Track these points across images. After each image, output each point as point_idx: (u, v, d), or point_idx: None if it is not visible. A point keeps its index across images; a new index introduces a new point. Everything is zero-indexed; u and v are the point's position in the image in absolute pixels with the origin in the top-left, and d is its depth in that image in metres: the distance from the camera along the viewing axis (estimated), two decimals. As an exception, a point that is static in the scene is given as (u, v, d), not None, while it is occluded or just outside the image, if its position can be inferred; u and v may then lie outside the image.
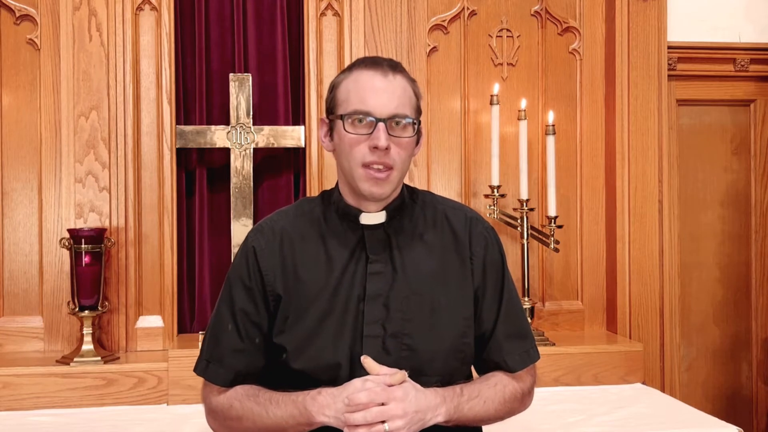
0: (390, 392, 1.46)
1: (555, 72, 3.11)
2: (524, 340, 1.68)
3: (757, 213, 3.33)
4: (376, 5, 2.94)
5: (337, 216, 1.62)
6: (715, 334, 3.32)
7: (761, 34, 3.27)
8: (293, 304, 1.57)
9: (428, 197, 1.70)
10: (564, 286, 3.10)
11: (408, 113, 1.55)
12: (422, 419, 1.48)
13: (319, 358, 1.54)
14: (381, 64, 1.56)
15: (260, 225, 1.67)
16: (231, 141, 2.88)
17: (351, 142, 1.53)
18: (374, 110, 1.52)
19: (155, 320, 2.83)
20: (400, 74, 1.58)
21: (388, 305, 1.56)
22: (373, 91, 1.53)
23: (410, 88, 1.59)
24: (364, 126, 1.52)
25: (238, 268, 1.63)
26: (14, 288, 2.81)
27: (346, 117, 1.53)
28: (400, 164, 1.55)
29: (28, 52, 2.83)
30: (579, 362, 2.79)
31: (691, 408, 2.55)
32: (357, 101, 1.53)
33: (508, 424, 1.78)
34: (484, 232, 1.67)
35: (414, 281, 1.58)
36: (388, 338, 1.55)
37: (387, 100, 1.53)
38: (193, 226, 2.97)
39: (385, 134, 1.51)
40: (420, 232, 1.63)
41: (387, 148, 1.51)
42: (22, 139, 2.83)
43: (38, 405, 2.52)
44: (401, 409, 1.45)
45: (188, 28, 2.96)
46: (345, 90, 1.56)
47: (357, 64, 1.59)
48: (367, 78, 1.54)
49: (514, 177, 2.98)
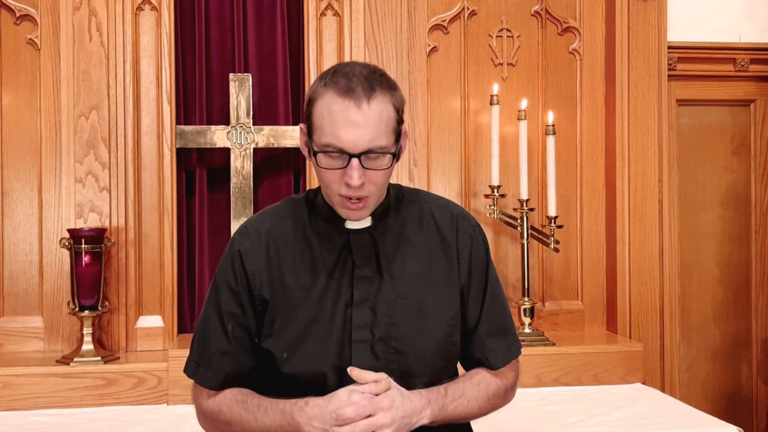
0: (376, 402, 1.47)
1: (555, 72, 3.11)
2: (506, 336, 1.68)
3: (757, 213, 3.33)
4: (376, 5, 2.94)
5: (322, 219, 1.61)
6: (715, 334, 3.32)
7: (761, 34, 3.27)
8: (280, 309, 1.57)
9: (414, 196, 1.69)
10: (564, 286, 3.10)
11: (384, 143, 1.48)
12: (409, 423, 1.51)
13: (307, 363, 1.54)
14: (355, 92, 1.45)
15: (245, 227, 1.65)
16: (231, 141, 2.88)
17: (326, 174, 1.50)
18: (347, 146, 1.46)
19: (155, 320, 2.83)
20: (376, 98, 1.47)
21: (375, 309, 1.56)
22: (347, 125, 1.45)
23: (387, 109, 1.49)
24: (338, 160, 1.48)
25: (224, 271, 1.62)
26: (14, 288, 2.81)
27: (319, 151, 1.49)
28: (376, 191, 1.52)
29: (28, 52, 2.83)
30: (579, 362, 2.79)
31: (691, 408, 2.55)
32: (330, 134, 1.47)
33: (509, 424, 1.78)
34: (470, 230, 1.66)
35: (400, 284, 1.58)
36: (376, 342, 1.55)
37: (360, 135, 1.45)
38: (193, 226, 2.97)
39: (358, 172, 1.46)
40: (406, 234, 1.63)
41: (361, 185, 1.48)
42: (22, 139, 2.83)
43: (38, 405, 2.52)
44: (389, 418, 1.47)
45: (188, 28, 2.96)
46: (319, 115, 1.49)
47: (331, 84, 1.48)
48: (340, 110, 1.46)
49: (514, 177, 2.98)
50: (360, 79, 1.47)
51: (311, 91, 1.52)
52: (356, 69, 1.49)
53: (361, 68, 1.50)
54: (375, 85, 1.48)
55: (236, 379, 1.61)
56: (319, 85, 1.51)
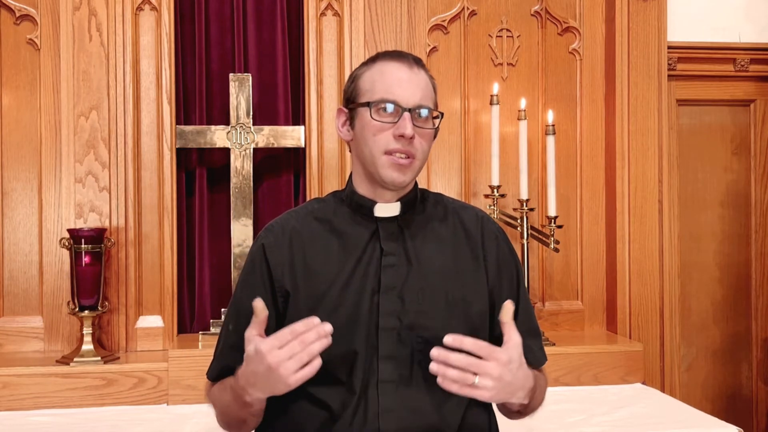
0: (495, 351, 1.43)
1: (555, 72, 3.11)
2: (538, 337, 1.72)
3: (757, 213, 3.33)
4: (376, 5, 2.94)
5: (349, 210, 1.64)
6: (715, 334, 3.32)
7: (761, 34, 3.27)
8: (305, 298, 1.58)
9: (438, 197, 1.74)
10: (564, 286, 3.10)
11: (431, 105, 1.60)
12: (510, 393, 1.46)
13: (333, 348, 1.52)
14: (406, 57, 1.60)
15: (270, 224, 1.69)
16: (231, 141, 2.88)
17: (376, 129, 1.56)
18: (400, 100, 1.55)
19: (155, 320, 2.83)
20: (423, 68, 1.62)
21: (403, 297, 1.57)
22: (400, 81, 1.56)
23: (431, 83, 1.63)
24: (390, 115, 1.55)
25: (247, 267, 1.65)
26: (14, 288, 2.81)
27: (373, 105, 1.56)
28: (421, 154, 1.59)
29: (28, 52, 2.83)
30: (579, 362, 2.79)
31: (691, 408, 2.55)
32: (383, 90, 1.56)
33: (508, 424, 1.78)
34: (495, 232, 1.69)
35: (428, 273, 1.59)
36: (404, 330, 1.55)
37: (412, 92, 1.57)
38: (193, 226, 2.97)
39: (410, 123, 1.55)
40: (432, 226, 1.65)
41: (412, 137, 1.55)
42: (22, 139, 2.83)
43: (38, 405, 2.52)
44: (497, 372, 1.42)
45: (188, 28, 2.96)
46: (369, 80, 1.59)
47: (381, 57, 1.62)
48: (393, 69, 1.58)
49: (514, 177, 2.98)
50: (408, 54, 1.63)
51: (354, 72, 1.65)
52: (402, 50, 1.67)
53: None
54: (421, 62, 1.63)
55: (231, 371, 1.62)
56: (364, 64, 1.64)
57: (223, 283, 2.93)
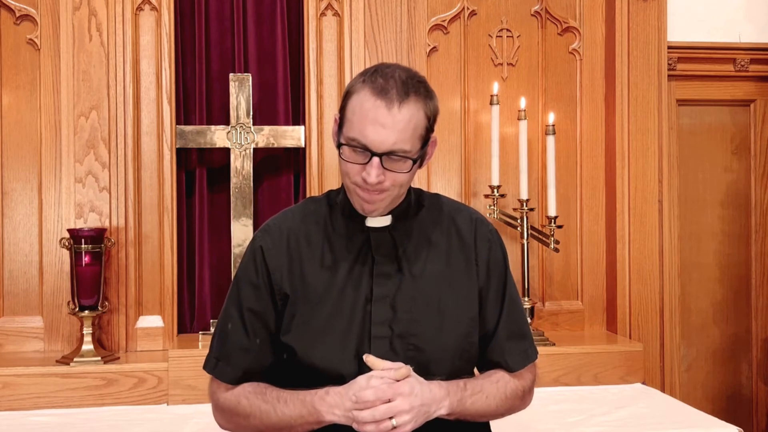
0: (396, 388, 1.48)
1: (555, 72, 3.11)
2: (524, 339, 1.70)
3: (757, 213, 3.33)
4: (376, 5, 2.94)
5: (342, 217, 1.63)
6: (715, 334, 3.32)
7: (761, 34, 3.27)
8: (300, 304, 1.59)
9: (434, 199, 1.72)
10: (564, 286, 3.10)
11: (407, 148, 1.51)
12: (427, 412, 1.51)
13: (326, 358, 1.56)
14: (388, 94, 1.49)
15: (267, 225, 1.68)
16: (231, 141, 2.88)
17: (347, 165, 1.54)
18: (371, 144, 1.49)
19: (155, 320, 2.83)
20: (408, 104, 1.50)
21: (395, 306, 1.58)
22: (374, 124, 1.48)
23: (418, 116, 1.52)
24: (361, 155, 1.51)
25: (246, 268, 1.64)
26: (14, 288, 2.81)
27: (345, 143, 1.53)
28: (396, 188, 1.55)
29: (28, 52, 2.83)
30: (579, 362, 2.79)
31: (691, 408, 2.55)
32: (357, 130, 1.50)
33: (509, 424, 1.78)
34: (488, 234, 1.69)
35: (420, 282, 1.60)
36: (396, 339, 1.57)
37: (385, 136, 1.49)
38: (193, 226, 2.97)
39: (377, 170, 1.50)
40: (426, 234, 1.65)
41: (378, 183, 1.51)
42: (22, 139, 2.83)
43: (38, 405, 2.52)
44: (408, 404, 1.48)
45: (188, 28, 2.96)
46: (351, 109, 1.53)
47: (368, 82, 1.51)
48: (370, 108, 1.49)
49: (514, 177, 2.98)
50: (397, 83, 1.50)
51: (350, 85, 1.57)
52: (396, 72, 1.52)
53: (402, 72, 1.53)
54: (410, 90, 1.51)
55: (254, 375, 1.62)
56: (358, 81, 1.54)
57: (223, 283, 2.92)
